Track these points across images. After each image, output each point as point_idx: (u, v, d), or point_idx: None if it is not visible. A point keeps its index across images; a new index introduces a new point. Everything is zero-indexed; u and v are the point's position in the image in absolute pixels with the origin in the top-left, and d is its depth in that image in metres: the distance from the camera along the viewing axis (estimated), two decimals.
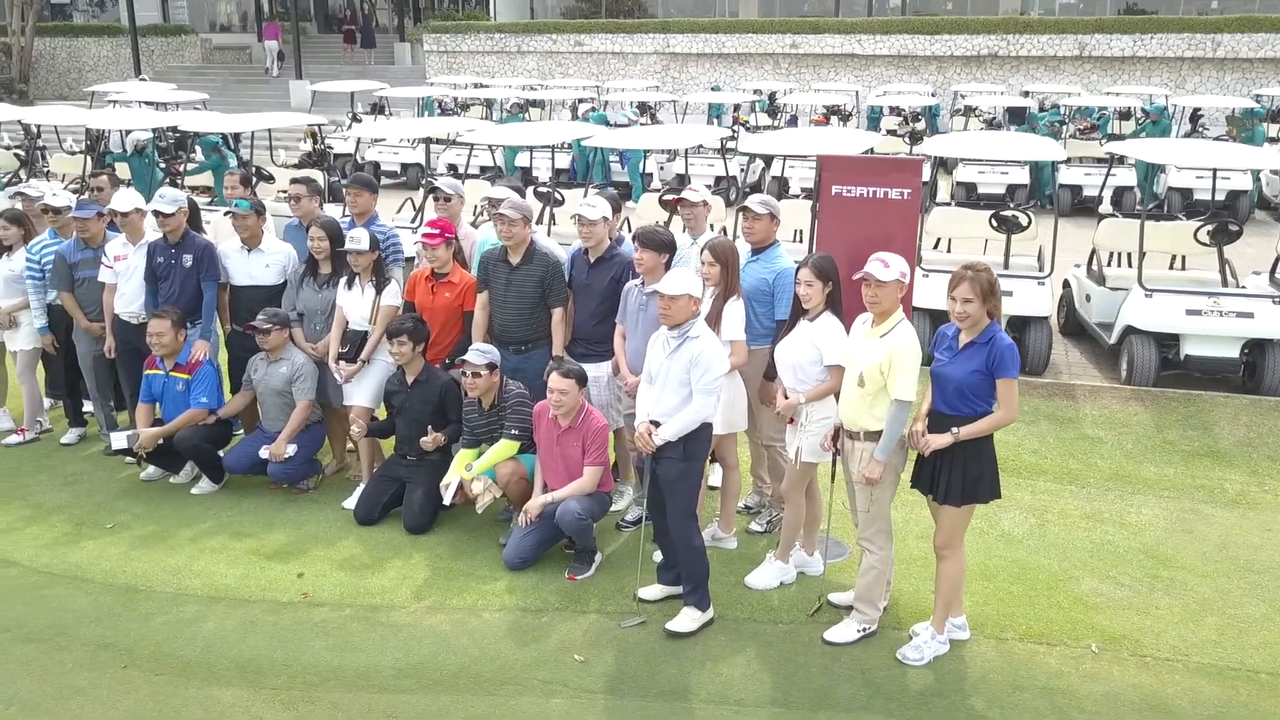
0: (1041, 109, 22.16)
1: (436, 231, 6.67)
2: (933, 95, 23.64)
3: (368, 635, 5.22)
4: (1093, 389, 8.67)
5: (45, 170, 17.36)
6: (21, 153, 17.09)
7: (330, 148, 17.44)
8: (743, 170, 18.48)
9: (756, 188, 16.99)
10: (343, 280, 6.86)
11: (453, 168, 20.68)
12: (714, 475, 6.63)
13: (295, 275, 7.10)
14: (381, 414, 6.87)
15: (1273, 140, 18.98)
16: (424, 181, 14.36)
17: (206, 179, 14.90)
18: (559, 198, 12.08)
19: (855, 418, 4.93)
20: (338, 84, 23.89)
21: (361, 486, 6.84)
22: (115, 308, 7.29)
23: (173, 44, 34.80)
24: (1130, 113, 22.02)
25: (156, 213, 7.03)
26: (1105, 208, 12.77)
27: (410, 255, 8.53)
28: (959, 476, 4.71)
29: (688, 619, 5.24)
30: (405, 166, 20.79)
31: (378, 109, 24.62)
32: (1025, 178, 16.80)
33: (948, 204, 12.04)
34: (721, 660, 5.02)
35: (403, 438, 6.57)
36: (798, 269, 5.41)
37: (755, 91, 24.96)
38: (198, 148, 16.51)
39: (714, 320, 5.58)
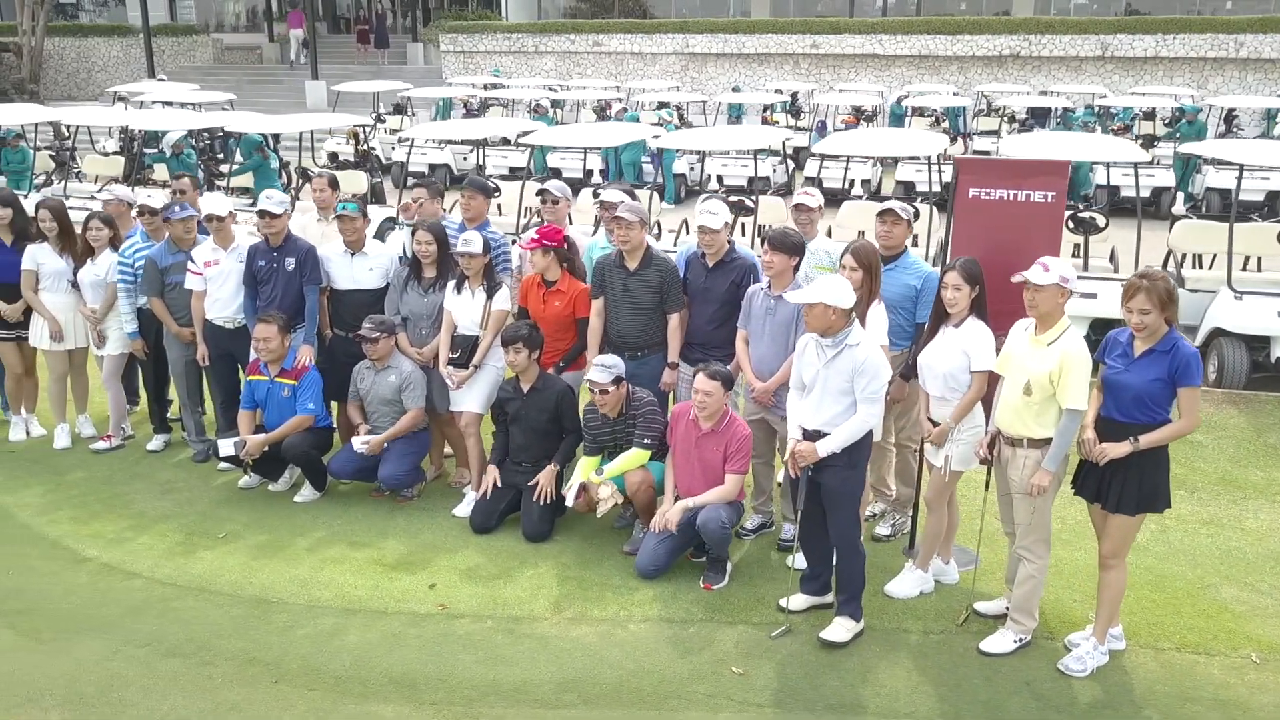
0: (1068, 110, 22.11)
1: (536, 238, 6.57)
2: (955, 95, 23.60)
3: (516, 648, 5.12)
4: None
5: (76, 172, 17.18)
6: (55, 154, 16.91)
7: (374, 148, 17.27)
8: (774, 170, 18.45)
9: (788, 189, 16.97)
10: (450, 285, 6.76)
11: (480, 169, 20.60)
12: None
13: (398, 279, 6.99)
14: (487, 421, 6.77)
15: None
16: (492, 183, 14.27)
17: (247, 180, 14.74)
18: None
19: (1018, 426, 4.85)
20: (361, 84, 23.75)
21: (470, 493, 6.75)
22: (208, 313, 7.16)
23: (183, 44, 34.57)
24: (1154, 113, 22.05)
25: (263, 213, 6.90)
26: (1179, 209, 12.71)
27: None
28: (1134, 486, 4.63)
29: (842, 629, 5.15)
30: (433, 167, 20.67)
31: (400, 109, 24.53)
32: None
33: None
34: (881, 672, 4.94)
35: (519, 446, 6.47)
36: (944, 272, 5.33)
37: (776, 91, 24.92)
38: (237, 149, 16.39)
39: None
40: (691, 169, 19.33)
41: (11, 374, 7.87)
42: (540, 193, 7.27)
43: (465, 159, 20.58)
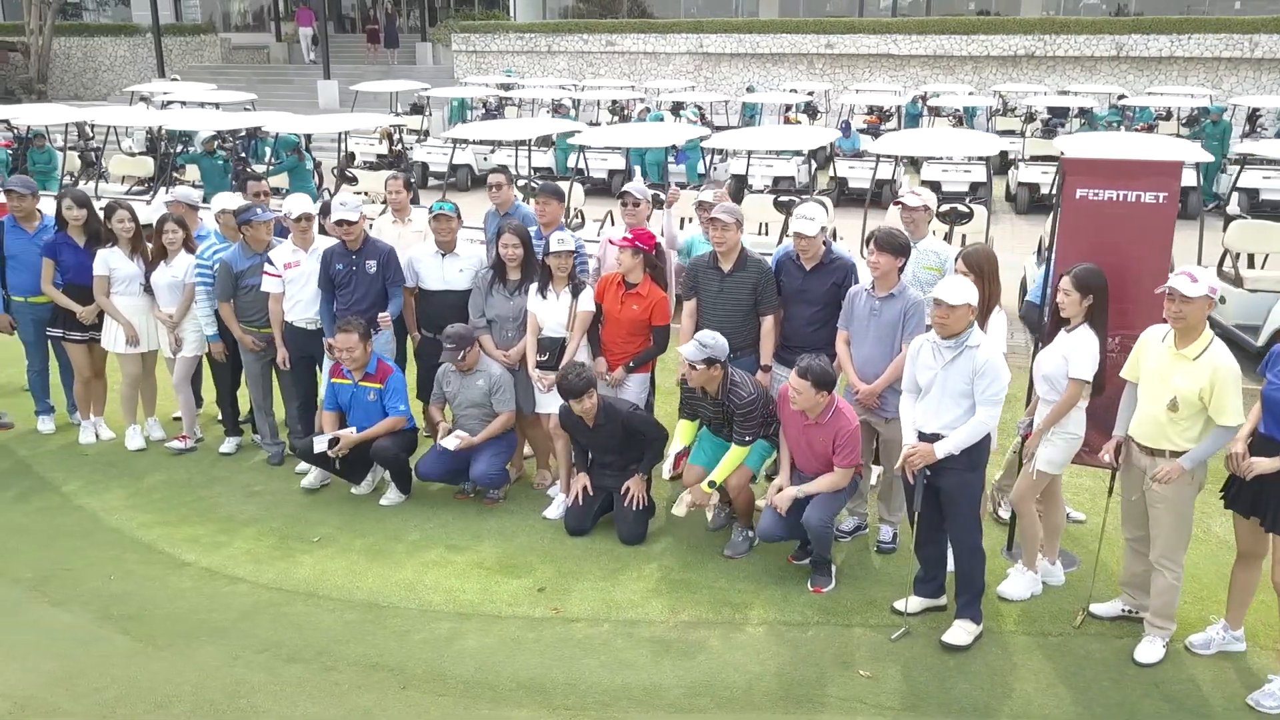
0: (1088, 110, 22.14)
1: (629, 237, 6.55)
2: (970, 94, 23.62)
3: (637, 652, 5.09)
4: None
5: (100, 173, 17.07)
6: (87, 154, 16.80)
7: (408, 148, 17.19)
8: (798, 170, 18.45)
9: (809, 189, 16.98)
10: (533, 287, 6.72)
11: (503, 168, 20.53)
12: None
13: (483, 281, 6.94)
14: None
15: None
16: (531, 184, 14.26)
17: (281, 180, 14.66)
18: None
19: (1160, 438, 4.80)
20: (379, 84, 23.66)
21: (559, 495, 6.72)
22: (288, 315, 7.11)
23: (191, 43, 34.41)
24: (1171, 113, 22.12)
25: (341, 221, 6.83)
26: (1233, 208, 12.73)
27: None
28: None
29: (963, 632, 5.14)
30: (455, 168, 20.61)
31: (417, 109, 24.46)
32: (984, 175, 16.63)
33: None
34: (1008, 675, 4.92)
35: (598, 461, 6.45)
36: (1060, 277, 5.32)
37: (792, 90, 24.91)
38: (267, 149, 16.30)
39: None
40: (715, 168, 19.31)
41: (80, 377, 7.81)
42: (621, 195, 7.22)
43: (486, 159, 20.54)
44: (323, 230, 7.35)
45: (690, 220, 9.50)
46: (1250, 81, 25.39)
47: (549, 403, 6.70)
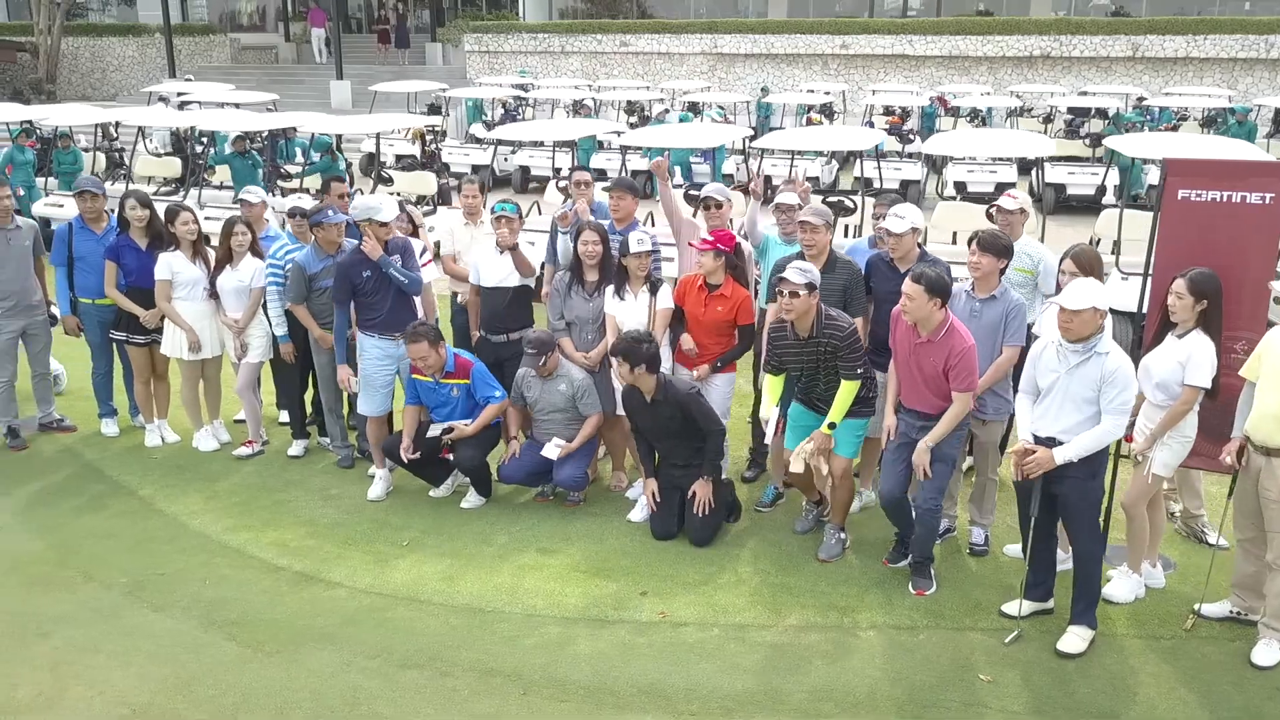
0: (1099, 112, 22.12)
1: (710, 239, 6.50)
2: (985, 95, 23.61)
3: (751, 656, 5.05)
4: None
5: (124, 174, 16.97)
6: (114, 155, 16.71)
7: (440, 149, 17.11)
8: (822, 170, 18.44)
9: (833, 189, 16.97)
10: (608, 289, 6.68)
11: (525, 169, 20.51)
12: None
13: (561, 284, 6.90)
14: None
15: None
16: (561, 184, 14.22)
17: (314, 181, 14.59)
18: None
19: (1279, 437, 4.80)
20: (398, 84, 23.57)
21: (642, 498, 6.67)
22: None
23: (200, 44, 34.27)
24: (1187, 114, 22.14)
25: (385, 223, 6.77)
26: None
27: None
28: None
29: (1079, 639, 5.10)
30: (476, 168, 20.55)
31: (435, 110, 24.38)
32: (1013, 175, 16.70)
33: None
34: (1128, 679, 4.89)
35: (665, 448, 6.36)
36: (1173, 279, 5.29)
37: (809, 90, 24.89)
38: (298, 150, 16.26)
39: None
40: (737, 169, 19.27)
41: (140, 379, 7.74)
42: (704, 199, 7.16)
43: (506, 159, 20.49)
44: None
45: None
46: (1266, 82, 25.46)
47: None
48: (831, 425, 5.74)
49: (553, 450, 6.53)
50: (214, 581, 5.74)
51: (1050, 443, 4.96)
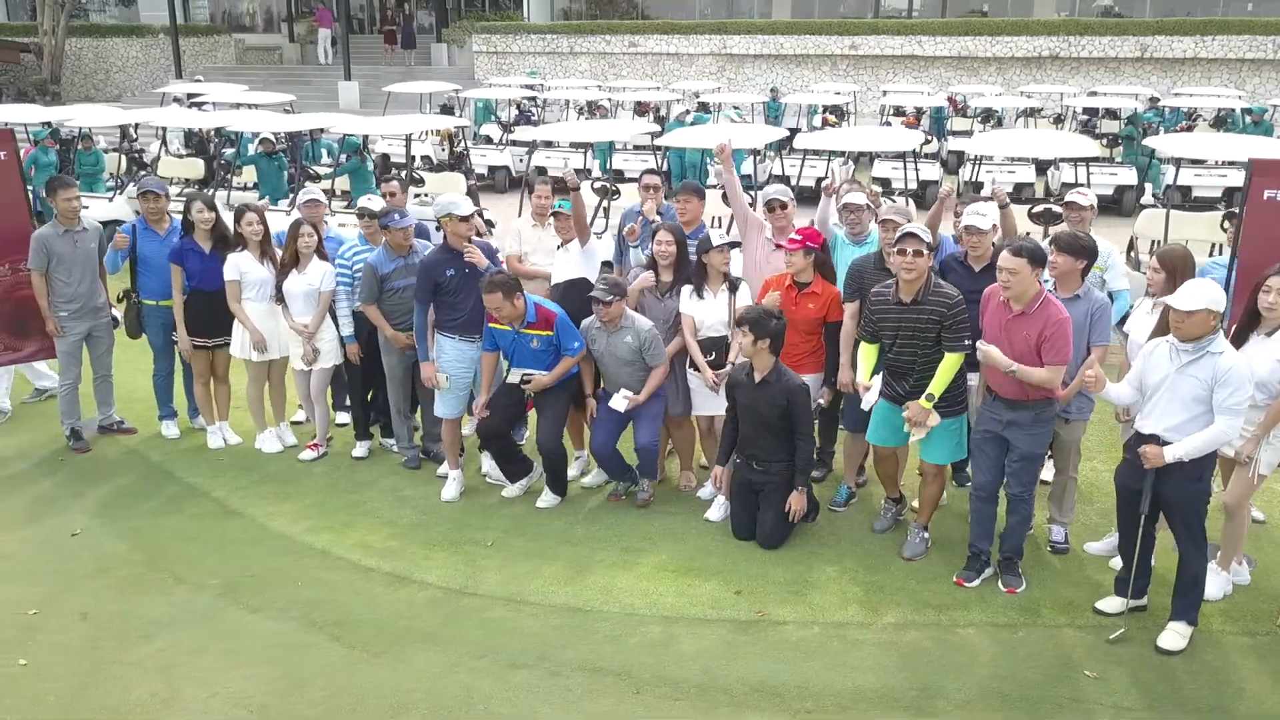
0: (1111, 113, 22.20)
1: (799, 238, 6.53)
2: (998, 95, 23.71)
3: (858, 654, 5.08)
4: None
5: (141, 175, 16.91)
6: (136, 155, 16.63)
7: (468, 151, 17.08)
8: (840, 169, 18.48)
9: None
10: (685, 290, 6.70)
11: (541, 170, 20.48)
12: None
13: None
14: None
15: None
16: (596, 185, 14.22)
17: (343, 182, 14.56)
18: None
19: None
20: (411, 85, 23.55)
21: (720, 498, 6.67)
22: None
23: (204, 44, 34.15)
24: (1195, 114, 22.27)
25: (466, 218, 6.80)
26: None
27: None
28: None
29: (1179, 636, 5.13)
30: (493, 169, 20.55)
31: (447, 110, 24.36)
32: (1032, 176, 16.82)
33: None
34: (1233, 674, 4.94)
35: (748, 438, 6.22)
36: (1267, 276, 5.34)
37: (835, 92, 24.91)
38: (324, 150, 16.23)
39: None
40: (763, 166, 19.32)
41: (200, 381, 7.73)
42: (769, 201, 7.18)
43: (521, 160, 20.48)
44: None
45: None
46: (1273, 82, 25.63)
47: (714, 404, 6.68)
48: (930, 397, 5.66)
49: (620, 402, 6.46)
50: (307, 583, 5.74)
51: (1155, 440, 4.98)
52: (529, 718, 4.61)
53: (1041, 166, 18.39)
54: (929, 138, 20.00)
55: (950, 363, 5.66)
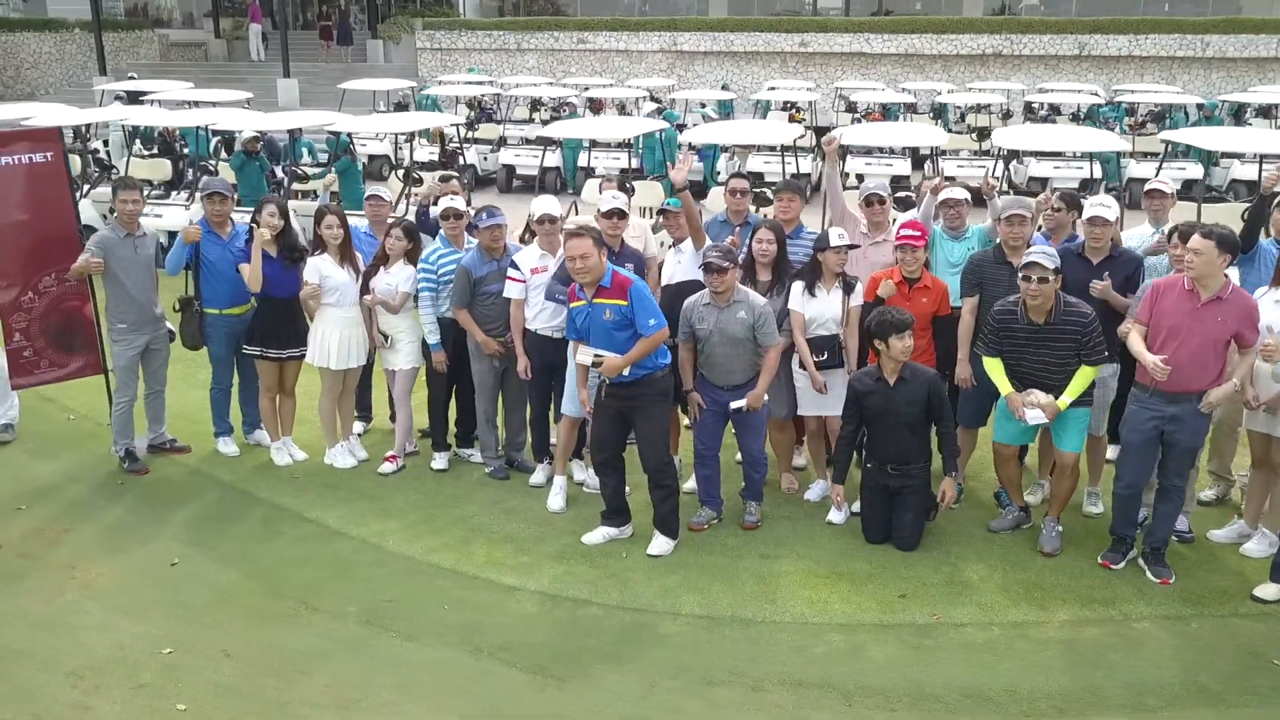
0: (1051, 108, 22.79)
1: (918, 234, 6.47)
2: (951, 91, 24.13)
3: (1045, 654, 5.04)
4: None
5: (95, 175, 15.99)
6: (98, 156, 15.72)
7: (461, 150, 16.58)
8: (814, 165, 18.59)
9: (819, 184, 17.18)
10: (796, 286, 6.56)
11: (509, 169, 20.05)
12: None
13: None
14: None
15: None
16: (625, 183, 13.94)
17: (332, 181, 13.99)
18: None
19: None
20: (367, 82, 22.86)
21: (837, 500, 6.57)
22: (533, 323, 6.79)
23: (126, 40, 32.58)
24: (1135, 109, 23.08)
25: (613, 212, 6.58)
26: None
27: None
28: None
29: None
30: (461, 168, 20.02)
31: (401, 108, 23.73)
32: (907, 169, 17.08)
33: None
34: None
35: (881, 444, 6.13)
36: None
37: (771, 88, 25.02)
38: (304, 150, 15.59)
39: None
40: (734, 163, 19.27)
41: (268, 395, 7.29)
42: (868, 197, 7.09)
43: (485, 159, 20.07)
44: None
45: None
46: (1201, 79, 26.72)
47: (821, 404, 6.56)
48: (1064, 400, 5.69)
49: (738, 403, 6.15)
50: (452, 606, 5.43)
51: None
52: None
53: (918, 160, 18.66)
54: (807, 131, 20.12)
55: (1087, 374, 5.73)
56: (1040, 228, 6.98)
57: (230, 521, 6.41)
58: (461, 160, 15.96)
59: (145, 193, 14.24)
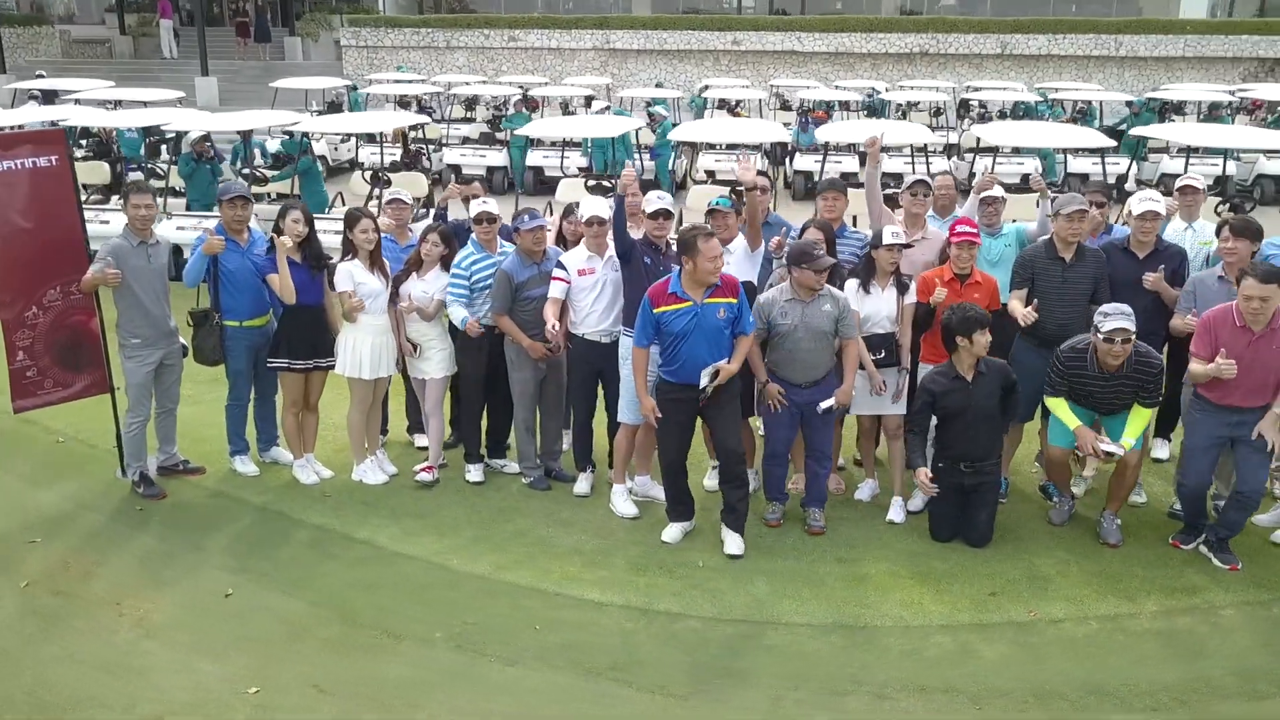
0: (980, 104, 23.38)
1: (974, 230, 6.48)
2: (887, 89, 24.56)
3: (1148, 646, 5.10)
4: None
5: None
6: None
7: (424, 150, 16.06)
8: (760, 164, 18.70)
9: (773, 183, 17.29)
10: (850, 284, 6.52)
11: (456, 169, 19.60)
12: None
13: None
14: None
15: None
16: (591, 183, 13.69)
17: (287, 185, 13.45)
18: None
19: None
20: (298, 81, 22.07)
21: (897, 499, 6.54)
22: (580, 326, 6.60)
23: (24, 36, 30.77)
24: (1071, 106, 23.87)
25: (659, 213, 6.42)
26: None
27: None
28: None
29: None
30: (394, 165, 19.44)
31: (334, 107, 23.02)
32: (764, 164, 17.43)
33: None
34: None
35: (956, 441, 6.11)
36: None
37: (704, 89, 25.07)
38: (256, 151, 14.95)
39: None
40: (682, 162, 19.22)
41: (293, 410, 6.90)
42: (913, 187, 7.08)
43: (428, 159, 19.60)
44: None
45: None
46: (1115, 78, 27.77)
47: (874, 403, 6.52)
48: (1126, 440, 5.86)
49: (828, 403, 6.08)
50: (545, 626, 5.20)
51: None
52: None
53: (778, 157, 18.98)
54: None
55: (1145, 415, 5.92)
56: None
57: (274, 546, 6.05)
58: (426, 161, 15.49)
59: (84, 197, 13.58)
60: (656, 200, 6.67)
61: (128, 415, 6.65)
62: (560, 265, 6.56)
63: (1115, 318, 5.69)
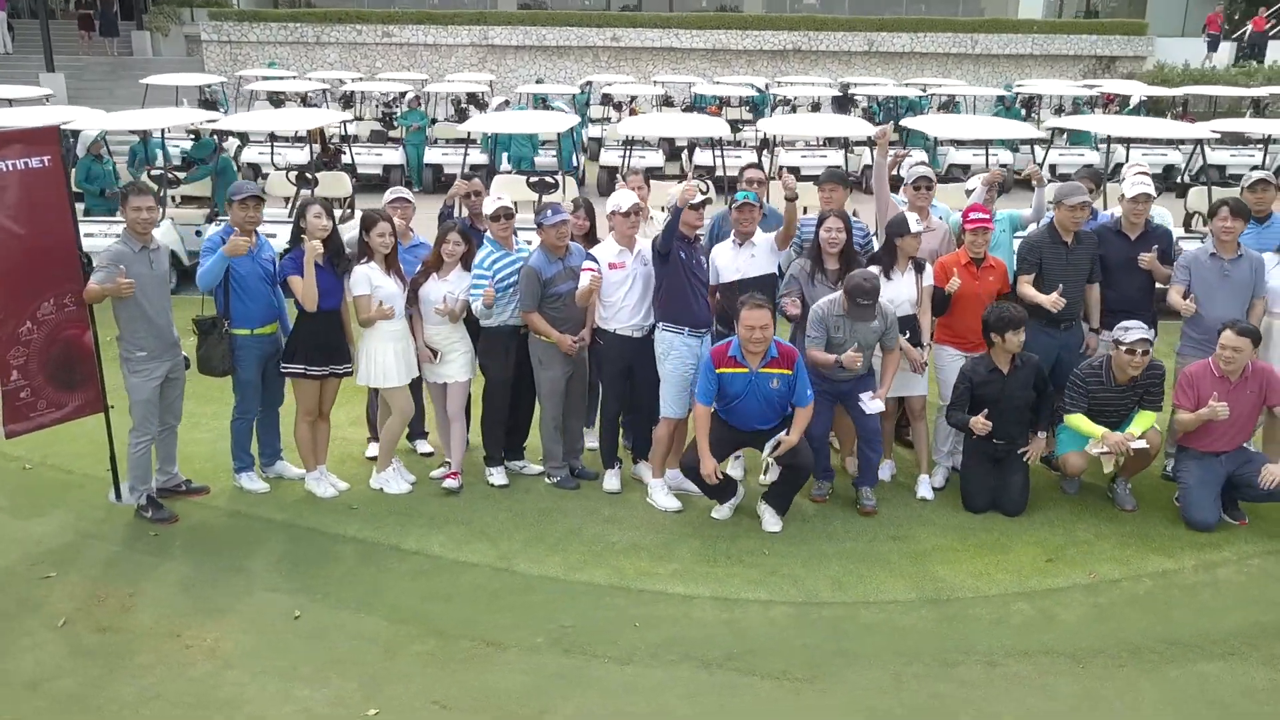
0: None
1: (988, 215, 6.79)
2: (767, 88, 25.22)
3: (1201, 597, 5.47)
4: None
5: None
6: None
7: (343, 149, 15.32)
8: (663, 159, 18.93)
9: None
10: (873, 270, 6.71)
11: (350, 168, 18.93)
12: None
13: (801, 272, 6.80)
14: None
15: None
16: (534, 180, 13.36)
17: (204, 186, 12.69)
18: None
19: None
20: (168, 78, 20.82)
21: (922, 478, 6.77)
22: (610, 322, 6.57)
23: None
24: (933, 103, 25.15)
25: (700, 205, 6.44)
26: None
27: None
28: None
29: None
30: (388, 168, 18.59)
31: (209, 104, 21.85)
32: (661, 159, 17.97)
33: None
34: None
35: (998, 426, 6.35)
36: None
37: (586, 85, 25.10)
38: (158, 151, 14.00)
39: None
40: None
41: (307, 419, 6.57)
42: (916, 181, 7.33)
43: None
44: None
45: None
46: (971, 74, 29.40)
47: (910, 385, 6.73)
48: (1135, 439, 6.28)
49: (876, 405, 6.28)
50: (643, 623, 5.15)
51: None
52: (1032, 709, 4.53)
53: (674, 152, 19.70)
54: (741, 126, 20.88)
55: (1149, 417, 6.36)
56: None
57: (321, 563, 5.75)
58: (348, 159, 14.87)
59: None
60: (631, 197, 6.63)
61: (131, 434, 6.17)
62: (590, 257, 6.50)
63: (1136, 330, 6.15)
